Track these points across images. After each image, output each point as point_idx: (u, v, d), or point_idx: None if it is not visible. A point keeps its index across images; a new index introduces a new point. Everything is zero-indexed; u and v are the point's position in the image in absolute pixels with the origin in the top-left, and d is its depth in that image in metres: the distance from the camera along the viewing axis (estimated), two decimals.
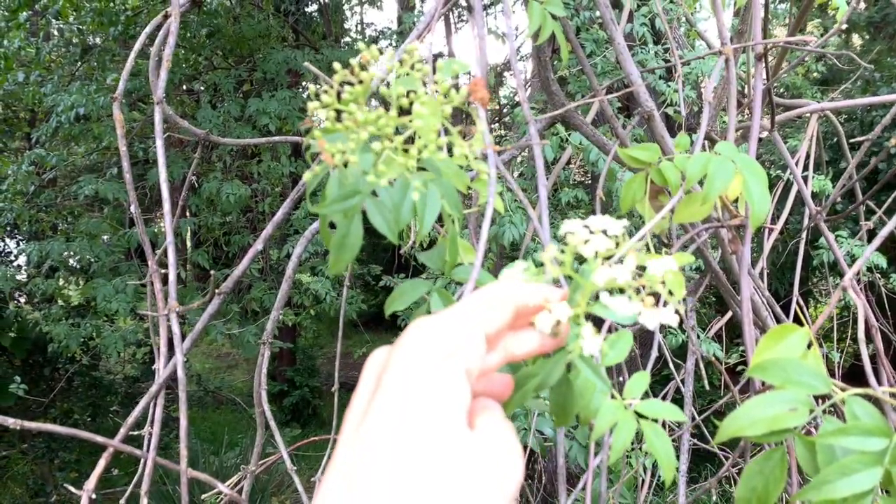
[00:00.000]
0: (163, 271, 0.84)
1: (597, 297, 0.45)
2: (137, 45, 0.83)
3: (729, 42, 0.80)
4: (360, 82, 0.39)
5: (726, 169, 0.74)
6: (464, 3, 0.92)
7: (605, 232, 0.45)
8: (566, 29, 1.01)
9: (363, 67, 0.40)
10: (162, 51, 0.85)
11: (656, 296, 0.45)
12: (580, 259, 0.47)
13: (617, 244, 0.45)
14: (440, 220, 0.51)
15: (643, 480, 2.16)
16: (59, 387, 6.04)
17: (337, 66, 0.38)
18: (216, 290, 0.75)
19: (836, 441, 0.51)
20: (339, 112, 0.40)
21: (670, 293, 0.45)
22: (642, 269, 0.45)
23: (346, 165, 0.38)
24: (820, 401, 0.57)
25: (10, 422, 0.72)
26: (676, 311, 0.46)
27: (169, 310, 0.73)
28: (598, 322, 0.82)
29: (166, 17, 0.91)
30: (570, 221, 0.45)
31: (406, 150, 0.39)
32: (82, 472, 5.80)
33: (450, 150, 0.48)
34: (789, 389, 0.55)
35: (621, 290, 0.45)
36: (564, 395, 0.62)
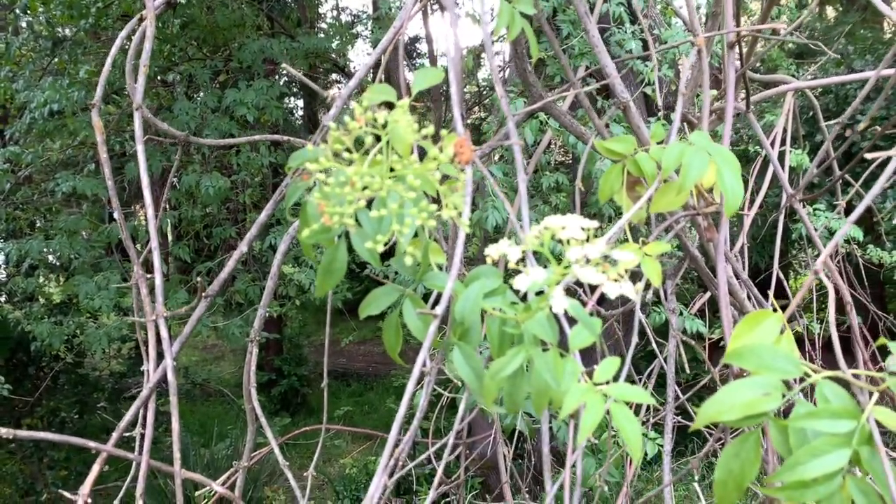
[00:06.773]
0: (148, 276, 0.84)
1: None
2: (113, 51, 0.83)
3: (700, 33, 0.82)
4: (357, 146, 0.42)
5: (700, 159, 0.76)
6: None
7: (581, 227, 0.54)
8: (539, 19, 1.02)
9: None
10: (139, 55, 0.85)
11: (631, 275, 0.54)
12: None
13: (588, 238, 0.53)
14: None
15: (629, 458, 2.21)
16: (44, 385, 6.00)
17: (332, 126, 0.40)
18: (203, 294, 0.76)
19: (808, 424, 0.53)
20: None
21: (628, 274, 0.53)
22: (614, 260, 0.54)
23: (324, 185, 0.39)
24: (795, 382, 0.60)
25: (3, 431, 0.73)
26: (655, 291, 0.57)
27: (157, 315, 0.73)
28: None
29: (141, 19, 0.91)
30: (551, 217, 0.54)
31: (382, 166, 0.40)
32: (72, 469, 5.77)
33: (421, 156, 0.50)
34: (763, 374, 0.57)
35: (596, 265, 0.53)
36: (516, 385, 0.65)
